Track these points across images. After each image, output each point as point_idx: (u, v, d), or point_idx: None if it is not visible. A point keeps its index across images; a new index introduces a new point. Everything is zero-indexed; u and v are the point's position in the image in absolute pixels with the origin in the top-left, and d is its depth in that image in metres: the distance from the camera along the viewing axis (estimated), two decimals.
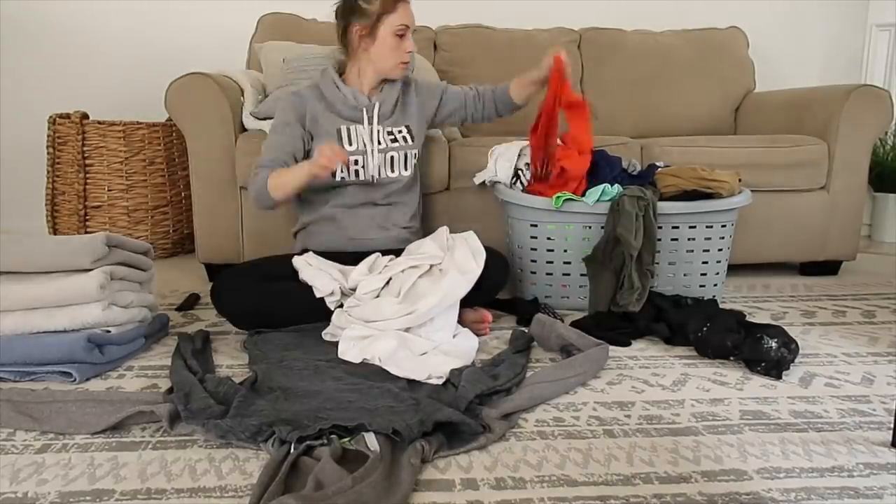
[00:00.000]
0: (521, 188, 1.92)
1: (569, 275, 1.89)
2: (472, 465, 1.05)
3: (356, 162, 1.77)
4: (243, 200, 2.13)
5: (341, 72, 1.85)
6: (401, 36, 1.74)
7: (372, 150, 1.78)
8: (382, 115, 1.81)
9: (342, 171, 1.76)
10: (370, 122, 1.79)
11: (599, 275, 1.80)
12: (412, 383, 1.33)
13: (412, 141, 1.84)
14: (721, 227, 1.87)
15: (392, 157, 1.80)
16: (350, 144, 1.77)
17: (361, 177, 1.78)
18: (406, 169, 1.83)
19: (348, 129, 1.78)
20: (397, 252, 1.82)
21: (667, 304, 1.74)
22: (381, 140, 1.79)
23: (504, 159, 1.92)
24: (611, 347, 1.54)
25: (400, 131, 1.83)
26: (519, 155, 1.91)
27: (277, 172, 1.68)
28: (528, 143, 1.92)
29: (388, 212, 1.84)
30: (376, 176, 1.79)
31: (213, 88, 2.08)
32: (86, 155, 2.54)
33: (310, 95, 1.80)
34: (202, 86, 2.08)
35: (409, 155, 1.83)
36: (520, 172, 1.90)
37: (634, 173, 1.94)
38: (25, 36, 2.91)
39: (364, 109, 1.79)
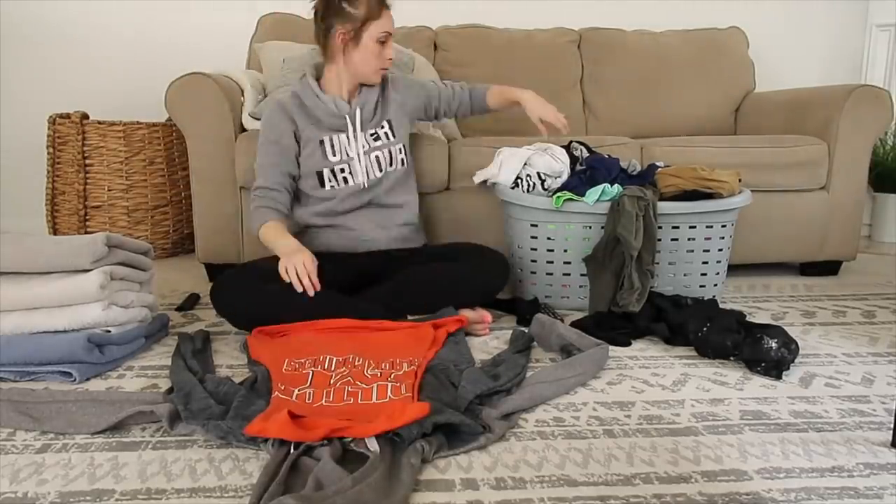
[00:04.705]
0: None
1: (569, 275, 1.89)
2: (472, 465, 1.05)
3: (342, 170, 1.76)
4: (243, 200, 2.13)
5: (318, 76, 1.81)
6: (383, 43, 1.73)
7: (357, 156, 1.77)
8: (365, 121, 1.79)
9: (331, 181, 1.77)
10: (354, 130, 1.77)
11: (599, 275, 1.80)
12: None
13: (394, 136, 1.82)
14: (721, 227, 1.87)
15: (377, 157, 1.79)
16: (334, 155, 1.76)
17: (350, 183, 1.77)
18: (391, 164, 1.81)
19: (331, 140, 1.76)
20: (399, 251, 1.82)
21: (667, 304, 1.74)
22: (366, 142, 1.78)
23: (508, 164, 1.91)
24: (611, 347, 1.54)
25: (382, 127, 1.81)
26: (525, 164, 1.90)
27: (268, 227, 1.71)
28: (534, 151, 1.91)
29: (386, 211, 1.83)
30: (365, 181, 1.78)
31: (212, 88, 2.08)
32: (86, 155, 2.54)
33: (292, 105, 1.78)
34: (202, 86, 2.08)
35: (392, 151, 1.81)
36: (520, 181, 1.89)
37: (634, 173, 1.94)
38: (25, 36, 2.91)
39: (347, 117, 1.77)
